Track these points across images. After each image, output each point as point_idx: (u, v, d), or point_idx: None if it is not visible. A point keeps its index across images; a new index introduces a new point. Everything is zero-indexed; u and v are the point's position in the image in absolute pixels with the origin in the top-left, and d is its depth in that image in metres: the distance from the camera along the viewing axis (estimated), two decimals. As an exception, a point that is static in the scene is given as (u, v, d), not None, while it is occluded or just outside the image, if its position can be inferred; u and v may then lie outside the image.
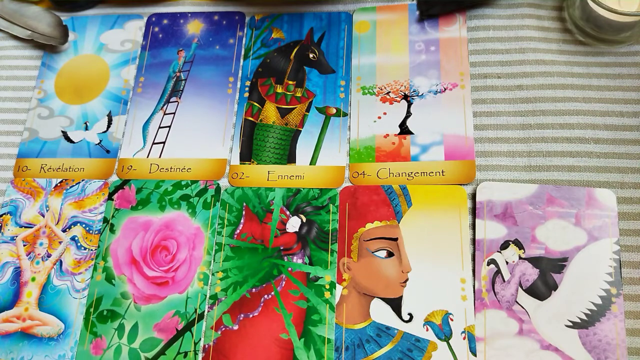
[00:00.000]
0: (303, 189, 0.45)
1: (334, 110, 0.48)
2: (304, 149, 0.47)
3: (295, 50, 0.51)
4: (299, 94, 0.49)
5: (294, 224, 0.44)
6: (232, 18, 0.53)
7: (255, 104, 0.49)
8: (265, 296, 0.42)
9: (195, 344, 0.42)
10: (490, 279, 0.40)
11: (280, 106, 0.49)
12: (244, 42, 0.52)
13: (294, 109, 0.49)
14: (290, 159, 0.47)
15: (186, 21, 0.54)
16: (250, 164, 0.47)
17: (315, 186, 0.45)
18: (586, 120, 0.44)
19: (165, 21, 0.54)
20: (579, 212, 0.41)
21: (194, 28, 0.54)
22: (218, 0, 0.55)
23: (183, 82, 0.51)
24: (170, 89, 0.51)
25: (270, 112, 0.49)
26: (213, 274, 0.44)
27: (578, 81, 0.46)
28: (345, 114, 0.48)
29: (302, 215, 0.44)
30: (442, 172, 0.44)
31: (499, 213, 0.42)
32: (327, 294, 0.42)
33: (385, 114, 0.47)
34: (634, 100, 0.45)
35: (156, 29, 0.54)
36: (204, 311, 0.43)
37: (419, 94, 0.47)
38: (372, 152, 0.46)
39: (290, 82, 0.50)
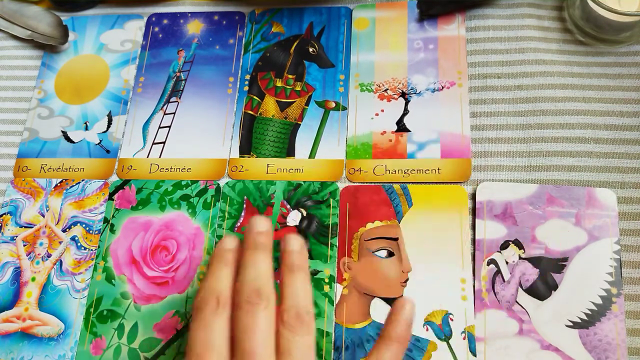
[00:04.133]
0: (303, 182, 0.45)
1: (333, 104, 0.48)
2: (303, 142, 0.47)
3: (295, 44, 0.51)
4: (298, 88, 0.49)
5: (294, 218, 0.44)
6: (232, 18, 0.53)
7: (255, 97, 0.49)
8: None
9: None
10: (490, 279, 0.40)
11: (279, 100, 0.49)
12: (243, 41, 0.52)
13: (293, 102, 0.49)
14: (290, 152, 0.47)
15: (186, 21, 0.54)
16: (249, 157, 0.47)
17: (315, 179, 0.45)
18: (586, 120, 0.44)
19: (165, 21, 0.54)
20: (579, 212, 0.41)
21: (194, 28, 0.54)
22: (218, 0, 0.55)
23: (183, 82, 0.51)
24: (170, 89, 0.51)
25: (269, 106, 0.49)
26: None
27: (578, 81, 0.46)
28: (344, 108, 0.48)
29: (302, 209, 0.44)
30: (438, 169, 0.44)
31: (499, 213, 0.42)
32: (326, 288, 0.42)
33: (382, 111, 0.47)
34: (634, 100, 0.44)
35: (156, 29, 0.54)
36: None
37: (417, 92, 0.47)
38: (369, 148, 0.46)
39: (290, 76, 0.50)
